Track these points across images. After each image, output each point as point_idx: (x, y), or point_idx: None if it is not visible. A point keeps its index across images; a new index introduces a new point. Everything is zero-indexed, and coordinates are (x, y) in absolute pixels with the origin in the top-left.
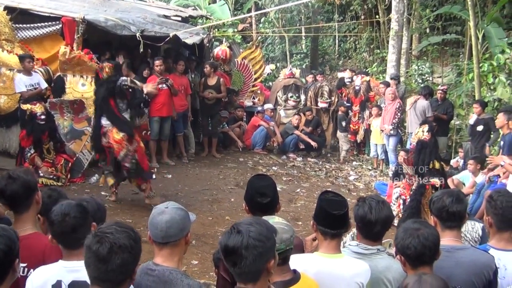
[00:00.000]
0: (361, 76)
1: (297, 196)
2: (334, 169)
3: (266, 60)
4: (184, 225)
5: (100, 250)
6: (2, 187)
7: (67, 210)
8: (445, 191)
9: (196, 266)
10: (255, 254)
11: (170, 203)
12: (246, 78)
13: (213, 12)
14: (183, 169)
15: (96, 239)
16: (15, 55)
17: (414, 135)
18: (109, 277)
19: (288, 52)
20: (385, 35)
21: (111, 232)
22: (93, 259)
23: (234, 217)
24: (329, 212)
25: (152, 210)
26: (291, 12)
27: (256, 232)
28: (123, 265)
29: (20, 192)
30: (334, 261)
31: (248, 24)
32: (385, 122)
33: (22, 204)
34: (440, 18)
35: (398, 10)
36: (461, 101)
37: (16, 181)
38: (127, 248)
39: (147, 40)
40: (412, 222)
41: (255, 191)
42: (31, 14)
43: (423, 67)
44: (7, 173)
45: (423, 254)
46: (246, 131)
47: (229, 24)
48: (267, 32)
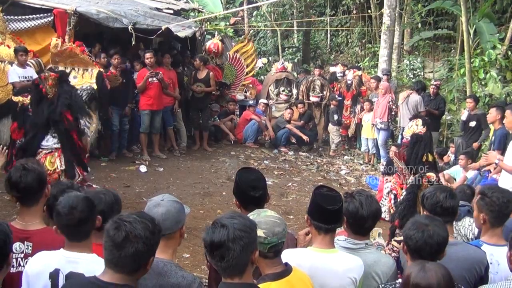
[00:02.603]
0: (353, 70)
1: (288, 190)
2: (325, 163)
3: (258, 54)
4: (179, 218)
5: (115, 236)
6: (16, 179)
7: (74, 203)
8: (437, 186)
9: (187, 260)
10: (241, 245)
11: (165, 196)
12: (238, 71)
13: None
14: (174, 162)
15: (115, 225)
16: (7, 46)
17: (407, 129)
18: (121, 263)
19: (280, 46)
20: (377, 30)
21: (130, 221)
22: (109, 244)
23: (225, 211)
24: (323, 207)
25: (148, 203)
26: (283, 6)
27: (240, 224)
28: (136, 254)
29: (34, 185)
30: (328, 256)
31: (240, 17)
32: (376, 116)
33: (34, 197)
34: (431, 13)
35: (390, 5)
36: (452, 96)
37: (30, 172)
38: (142, 239)
39: (139, 33)
40: (425, 217)
41: (247, 185)
42: (23, 6)
43: (415, 62)
44: (21, 164)
45: (423, 249)
46: (238, 125)
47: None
48: (259, 26)
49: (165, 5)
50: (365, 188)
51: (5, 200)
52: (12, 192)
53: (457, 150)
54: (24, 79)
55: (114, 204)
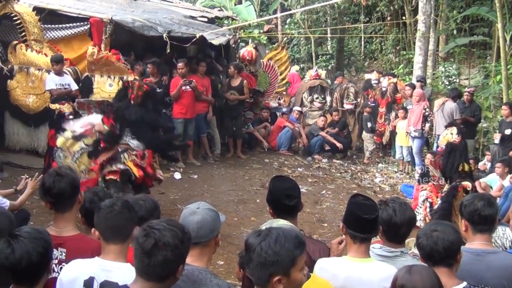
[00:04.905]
0: (388, 77)
1: (322, 198)
2: (359, 170)
3: (292, 61)
4: (214, 226)
5: (145, 244)
6: (49, 184)
7: (115, 201)
8: (475, 195)
9: (221, 267)
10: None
11: (201, 204)
12: (271, 79)
13: (239, 13)
14: (208, 169)
15: (144, 233)
16: (44, 55)
17: (442, 137)
18: (151, 271)
19: (313, 53)
20: (412, 37)
21: (159, 228)
22: (139, 251)
23: (259, 218)
24: (359, 216)
25: (183, 210)
26: (317, 13)
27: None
28: (165, 262)
29: (67, 190)
30: (363, 266)
31: (274, 25)
32: (410, 124)
33: (67, 202)
34: (467, 19)
35: (425, 12)
36: (488, 104)
37: (63, 178)
38: (171, 247)
39: (174, 41)
40: (433, 223)
41: (281, 194)
42: (60, 15)
43: (450, 69)
44: (54, 170)
45: (432, 255)
46: (272, 132)
47: (255, 25)
48: (293, 33)
49: (199, 13)
50: (399, 196)
51: (42, 206)
52: (46, 198)
53: (493, 158)
54: (61, 87)
55: (154, 211)
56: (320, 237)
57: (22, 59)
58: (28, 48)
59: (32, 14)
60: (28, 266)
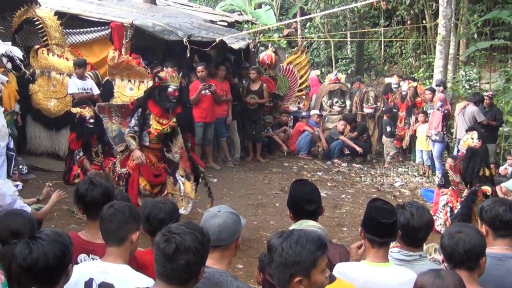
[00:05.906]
0: (408, 81)
1: (342, 202)
2: (379, 175)
3: (312, 65)
4: (235, 229)
5: (166, 249)
6: (83, 192)
7: (115, 203)
8: (496, 199)
9: (241, 270)
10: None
11: (222, 207)
12: (291, 83)
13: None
14: (228, 173)
15: (164, 238)
16: (65, 59)
17: (462, 142)
18: (173, 275)
19: (333, 57)
20: (432, 40)
21: (179, 233)
22: (160, 257)
23: (279, 222)
24: (377, 220)
25: (204, 213)
26: (337, 17)
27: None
28: (188, 266)
29: (100, 199)
30: (381, 270)
31: (294, 29)
32: (431, 128)
33: (99, 211)
34: (488, 23)
35: (445, 15)
36: (509, 108)
37: (97, 187)
38: (192, 250)
39: (194, 45)
40: (460, 225)
41: (301, 198)
42: (81, 19)
43: (471, 73)
44: (88, 178)
45: (452, 256)
46: (291, 136)
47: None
48: (312, 37)
49: (219, 18)
50: (420, 200)
51: (63, 209)
52: (79, 205)
53: None
54: (83, 91)
55: (173, 213)
56: (340, 242)
57: (43, 63)
58: (50, 53)
59: (54, 19)
60: (44, 268)
